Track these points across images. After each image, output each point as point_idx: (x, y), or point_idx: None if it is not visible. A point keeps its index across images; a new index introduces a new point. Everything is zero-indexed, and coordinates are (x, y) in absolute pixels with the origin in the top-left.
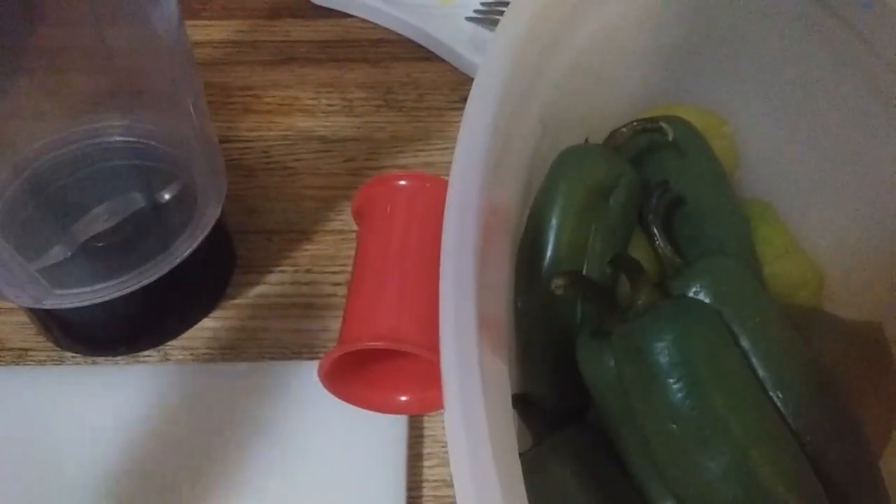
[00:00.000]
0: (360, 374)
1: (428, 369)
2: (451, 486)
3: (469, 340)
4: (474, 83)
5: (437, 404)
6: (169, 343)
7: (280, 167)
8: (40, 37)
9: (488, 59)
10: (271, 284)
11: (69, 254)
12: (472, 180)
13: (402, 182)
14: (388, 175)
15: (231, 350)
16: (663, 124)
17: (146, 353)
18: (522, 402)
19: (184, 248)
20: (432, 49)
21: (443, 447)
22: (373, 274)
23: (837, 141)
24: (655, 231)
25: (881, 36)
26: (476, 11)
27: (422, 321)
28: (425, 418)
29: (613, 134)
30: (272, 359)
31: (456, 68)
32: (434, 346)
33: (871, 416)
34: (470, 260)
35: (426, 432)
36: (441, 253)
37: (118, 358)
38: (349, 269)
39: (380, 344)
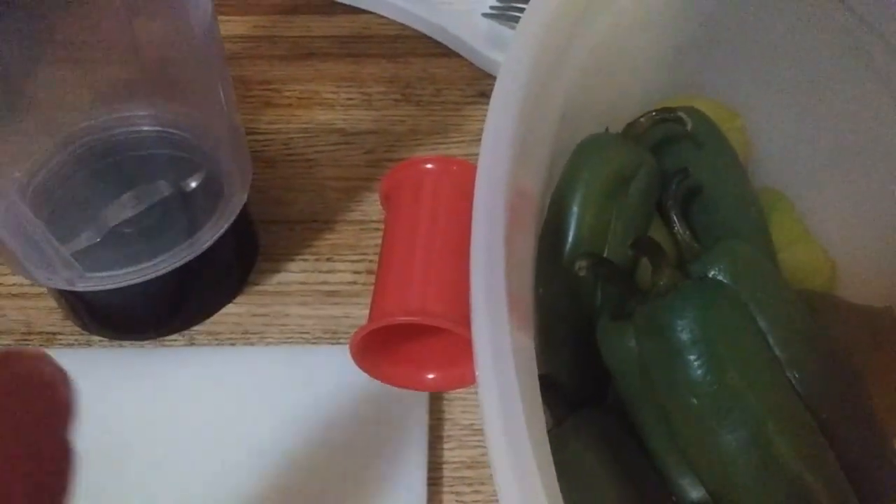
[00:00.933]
0: (387, 351)
1: (454, 346)
2: (469, 467)
3: (501, 314)
4: (500, 73)
5: (464, 381)
6: (194, 328)
7: (301, 159)
8: (75, 27)
9: (513, 51)
10: (293, 272)
11: (98, 238)
12: (501, 162)
13: (430, 165)
14: (416, 159)
15: (255, 335)
16: (681, 114)
17: (172, 337)
18: (543, 384)
19: (209, 235)
20: (449, 45)
21: (461, 430)
22: (402, 254)
23: (848, 131)
24: (674, 217)
25: (890, 25)
26: (492, 8)
27: (451, 298)
28: (444, 402)
29: (633, 124)
30: (294, 343)
31: (472, 64)
32: (464, 321)
33: (885, 398)
34: (500, 237)
35: (445, 415)
36: (472, 230)
37: (144, 342)
38: (370, 257)
39: (411, 318)
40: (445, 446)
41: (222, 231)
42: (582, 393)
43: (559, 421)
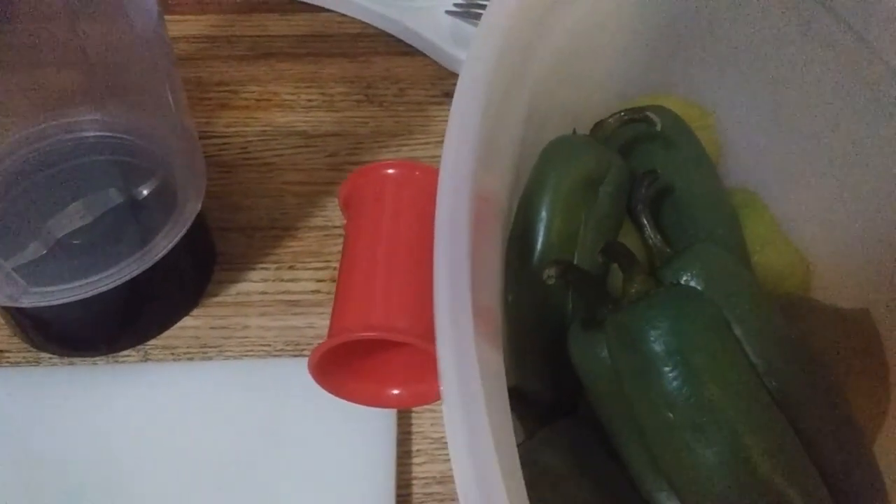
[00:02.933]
0: (349, 367)
1: (418, 361)
2: (440, 482)
3: (465, 327)
4: (462, 72)
5: (429, 397)
6: (149, 342)
7: (260, 163)
8: (15, 32)
9: (474, 49)
10: (253, 282)
11: (45, 251)
12: (464, 166)
13: (391, 171)
14: (376, 164)
15: (213, 348)
16: (650, 114)
17: (125, 353)
18: (514, 396)
19: (163, 245)
20: (412, 43)
21: (432, 444)
22: (362, 264)
23: (820, 129)
24: (644, 220)
25: (863, 20)
26: (455, 5)
27: (415, 311)
28: (413, 415)
29: (600, 124)
30: (255, 356)
31: (436, 62)
32: (427, 336)
33: (863, 401)
34: (464, 246)
35: (414, 429)
36: (434, 239)
37: (97, 359)
38: (333, 265)
39: (372, 334)
40: (415, 461)
41: (176, 240)
42: (555, 404)
43: (531, 433)
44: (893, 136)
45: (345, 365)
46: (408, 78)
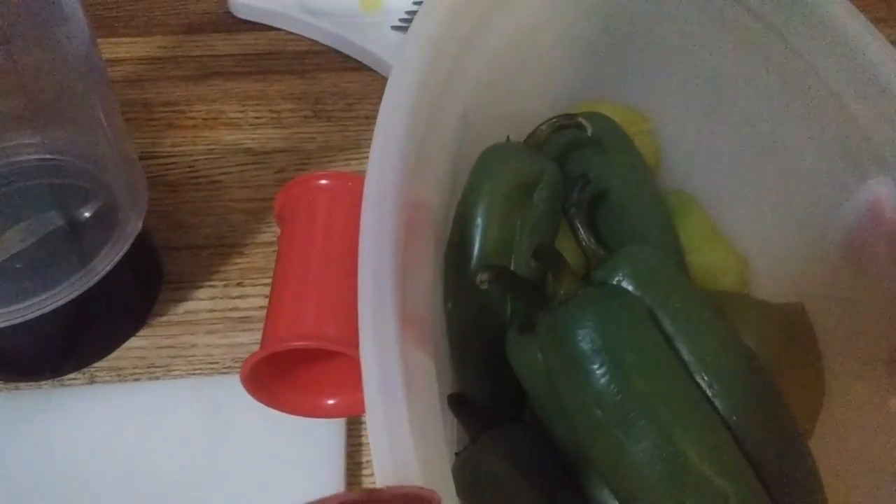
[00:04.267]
0: (285, 378)
1: (353, 370)
2: None
3: (389, 333)
4: (389, 81)
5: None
6: (95, 365)
7: (207, 181)
8: None
9: (403, 56)
10: (201, 300)
11: None
12: (390, 173)
13: (324, 181)
14: (310, 175)
15: (160, 368)
16: (582, 120)
17: (71, 376)
18: (458, 403)
19: (103, 266)
20: (359, 59)
21: None
22: (295, 275)
23: (754, 131)
24: (577, 224)
25: (791, 25)
26: (402, 20)
27: (346, 320)
28: (363, 426)
29: (534, 132)
30: (203, 374)
31: (384, 77)
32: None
33: (798, 395)
34: (388, 252)
35: (364, 440)
36: (359, 246)
37: (41, 383)
38: None
39: (305, 343)
40: (364, 472)
41: (117, 260)
42: (498, 409)
43: (475, 439)
44: (821, 137)
45: (280, 377)
46: (356, 93)
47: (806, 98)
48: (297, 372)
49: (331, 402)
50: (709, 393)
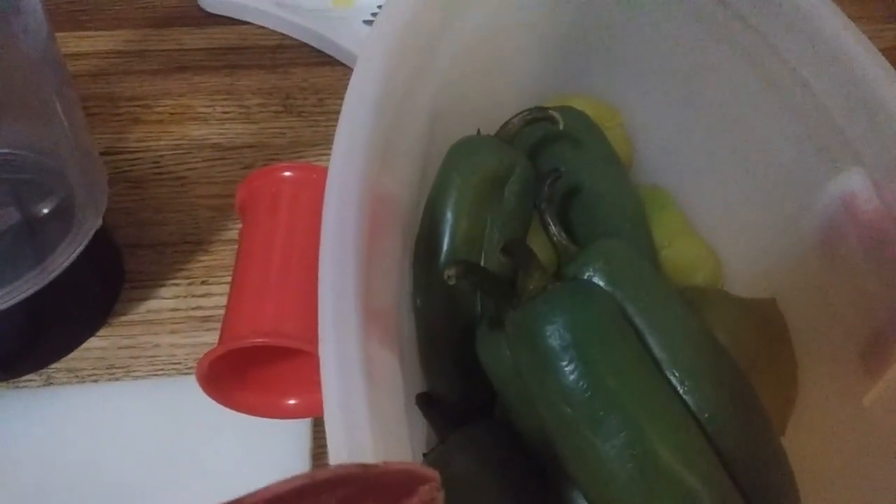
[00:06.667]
0: (245, 378)
1: (316, 370)
2: None
3: (350, 328)
4: (354, 72)
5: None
6: (52, 366)
7: (172, 177)
8: None
9: (368, 47)
10: (164, 299)
11: None
12: (355, 165)
13: (287, 173)
14: (273, 167)
15: (120, 369)
16: (553, 113)
17: (27, 377)
18: (427, 402)
19: (61, 261)
20: (331, 53)
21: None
22: (256, 270)
23: (727, 125)
24: (548, 218)
25: (763, 18)
26: (373, 15)
27: (308, 317)
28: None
29: (505, 125)
30: (165, 375)
31: None
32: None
33: (771, 391)
34: (351, 245)
35: None
36: (321, 237)
37: None
38: None
39: (263, 340)
40: None
41: (75, 256)
42: (468, 408)
43: (444, 438)
44: (794, 131)
45: (240, 376)
46: (327, 88)
47: (779, 91)
48: (257, 371)
49: (292, 402)
50: (680, 390)
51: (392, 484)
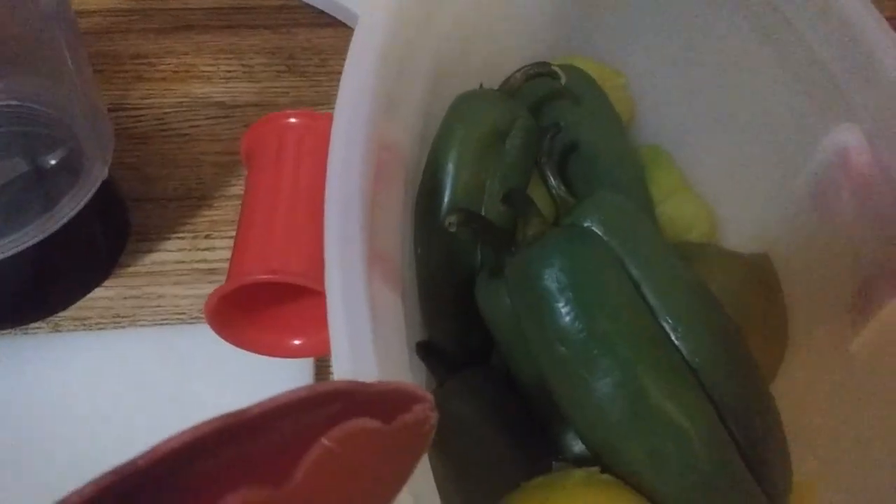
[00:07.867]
0: (251, 317)
1: (320, 310)
2: None
3: (355, 267)
4: (358, 25)
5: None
6: (59, 314)
7: (176, 134)
8: None
9: (371, 4)
10: (169, 251)
11: None
12: (360, 111)
13: (292, 120)
14: (279, 113)
15: (126, 318)
16: (556, 68)
17: (35, 324)
18: (426, 349)
19: (66, 211)
20: (334, 14)
21: None
22: (263, 211)
23: (725, 82)
24: (548, 172)
25: None
26: None
27: (313, 258)
28: (331, 371)
29: (508, 79)
30: (169, 325)
31: None
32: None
33: (762, 344)
34: (356, 188)
35: None
36: (327, 181)
37: (4, 331)
38: None
39: (271, 277)
40: None
41: (81, 205)
42: (466, 355)
43: (442, 383)
44: (791, 86)
45: (247, 315)
46: (330, 48)
47: (777, 47)
48: (263, 311)
49: (297, 341)
50: (672, 336)
51: (389, 401)
